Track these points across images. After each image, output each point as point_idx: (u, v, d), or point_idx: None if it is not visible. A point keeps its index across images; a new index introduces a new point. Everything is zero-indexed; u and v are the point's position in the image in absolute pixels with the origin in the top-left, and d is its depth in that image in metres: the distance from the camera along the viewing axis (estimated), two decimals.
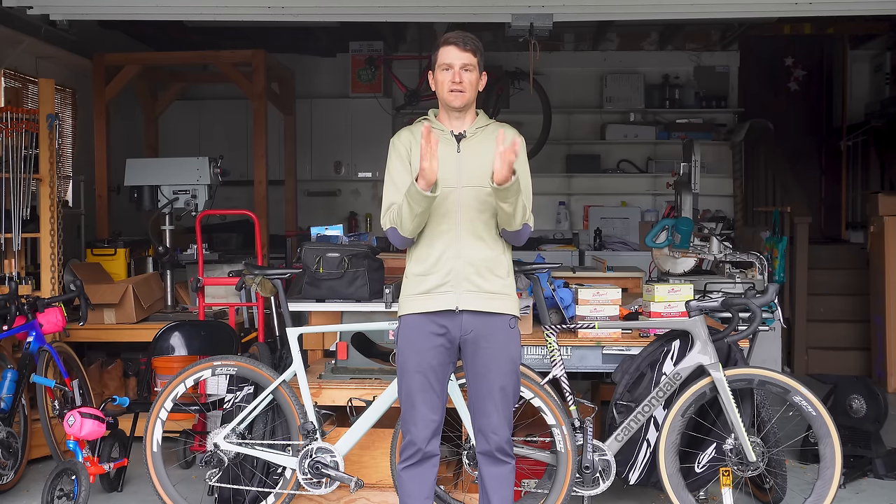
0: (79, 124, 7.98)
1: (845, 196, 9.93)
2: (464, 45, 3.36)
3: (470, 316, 3.37)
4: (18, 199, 5.40)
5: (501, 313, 3.40)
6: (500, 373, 3.38)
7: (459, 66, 3.36)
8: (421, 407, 3.39)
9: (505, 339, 3.40)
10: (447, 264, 3.37)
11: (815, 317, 7.85)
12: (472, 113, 3.48)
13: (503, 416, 3.39)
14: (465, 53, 3.36)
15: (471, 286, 3.36)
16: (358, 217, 9.91)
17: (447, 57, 3.37)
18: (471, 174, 3.37)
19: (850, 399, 5.10)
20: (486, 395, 3.39)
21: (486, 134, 3.45)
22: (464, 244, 3.36)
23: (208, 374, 4.25)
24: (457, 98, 3.37)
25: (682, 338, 4.10)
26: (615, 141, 9.74)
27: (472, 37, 3.42)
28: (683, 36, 9.59)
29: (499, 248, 3.42)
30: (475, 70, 3.39)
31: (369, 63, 9.50)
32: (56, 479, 4.31)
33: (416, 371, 3.39)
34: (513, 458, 3.46)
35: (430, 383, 3.39)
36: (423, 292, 3.40)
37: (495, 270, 3.40)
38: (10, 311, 4.81)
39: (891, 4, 5.87)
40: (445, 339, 3.39)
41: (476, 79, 3.40)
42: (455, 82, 3.36)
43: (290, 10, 5.73)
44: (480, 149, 3.41)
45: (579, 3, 5.69)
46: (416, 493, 3.43)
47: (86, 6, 5.89)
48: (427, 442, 3.40)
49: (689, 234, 5.64)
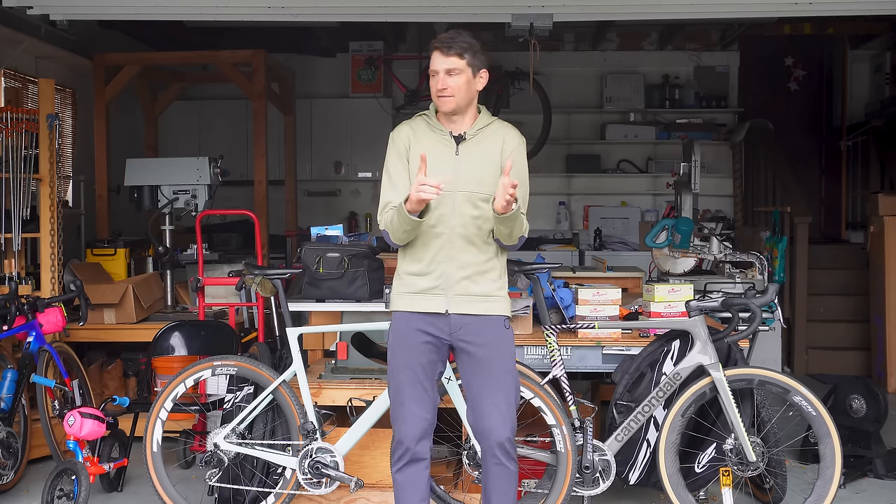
0: (79, 124, 7.98)
1: (845, 196, 9.93)
2: (447, 49, 3.29)
3: (460, 318, 3.35)
4: (18, 199, 5.40)
5: (494, 315, 3.38)
6: (496, 374, 3.36)
7: (444, 71, 3.30)
8: (410, 403, 3.36)
9: (499, 340, 3.38)
10: (439, 267, 3.35)
11: (815, 317, 7.85)
12: (473, 113, 3.42)
13: (501, 416, 3.35)
14: (449, 58, 3.29)
15: (462, 290, 3.34)
16: (358, 217, 9.91)
17: (433, 63, 3.32)
18: (468, 178, 3.33)
19: (850, 399, 5.10)
20: (484, 396, 3.37)
21: (486, 134, 3.40)
22: (456, 248, 3.34)
23: (208, 374, 4.25)
24: (445, 103, 3.33)
25: (682, 338, 4.10)
26: (615, 141, 9.74)
27: (461, 38, 3.32)
28: (683, 36, 9.59)
29: (491, 252, 3.39)
30: (464, 72, 3.30)
31: (369, 63, 9.50)
32: (56, 479, 4.31)
33: (405, 367, 3.38)
34: (515, 461, 3.41)
35: (419, 379, 3.36)
36: (415, 292, 3.39)
37: (488, 274, 3.38)
38: (10, 311, 4.81)
39: (891, 4, 5.88)
40: (435, 339, 3.38)
41: (466, 80, 3.31)
42: (440, 88, 3.30)
43: (290, 10, 5.73)
44: (480, 151, 3.37)
45: (579, 3, 5.69)
46: (409, 496, 3.41)
47: (86, 6, 5.89)
48: (416, 441, 3.36)
49: (689, 234, 5.64)
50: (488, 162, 3.34)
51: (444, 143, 3.38)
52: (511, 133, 3.44)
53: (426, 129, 3.42)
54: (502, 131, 3.43)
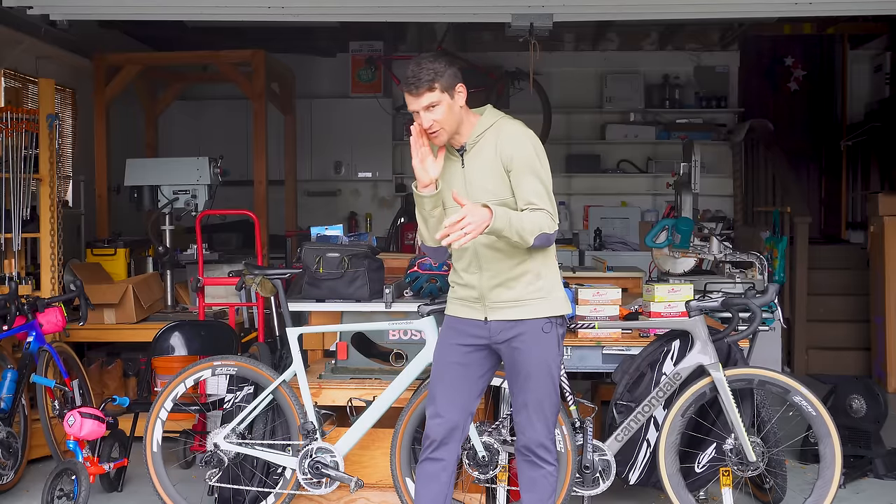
0: (79, 124, 7.97)
1: (845, 196, 9.93)
2: (416, 88, 3.19)
3: (499, 324, 3.36)
4: (18, 199, 5.40)
5: (530, 319, 3.36)
6: (530, 376, 3.36)
7: (422, 109, 3.23)
8: (440, 402, 3.42)
9: (534, 343, 3.35)
10: (472, 278, 3.38)
11: (815, 317, 7.84)
12: (469, 123, 3.34)
13: (532, 416, 3.38)
14: (421, 96, 3.20)
15: (496, 297, 3.35)
16: (358, 217, 9.92)
17: (409, 105, 3.26)
18: (477, 187, 3.30)
19: (850, 399, 5.10)
20: (518, 394, 3.41)
21: (486, 139, 3.33)
22: (483, 258, 3.35)
23: (208, 374, 4.25)
24: (437, 138, 3.28)
25: (682, 338, 4.10)
26: (615, 141, 9.74)
27: (424, 69, 3.19)
28: (683, 36, 9.59)
29: (520, 255, 3.34)
30: (441, 101, 3.20)
31: (369, 63, 9.51)
32: (56, 479, 4.32)
33: (441, 365, 3.45)
34: (547, 463, 3.43)
35: (455, 379, 3.41)
36: (458, 298, 3.46)
37: (521, 278, 3.35)
38: (10, 311, 4.81)
39: (891, 4, 5.88)
40: (476, 345, 3.41)
41: (447, 107, 3.21)
42: (426, 128, 3.25)
43: (290, 10, 5.73)
44: (481, 158, 3.32)
45: (579, 3, 5.68)
46: (423, 494, 3.44)
47: (86, 6, 5.88)
48: (439, 441, 3.40)
49: (689, 234, 5.64)
50: (491, 167, 3.30)
51: (452, 158, 3.38)
52: (507, 129, 3.32)
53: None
54: (500, 131, 3.32)
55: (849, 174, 9.93)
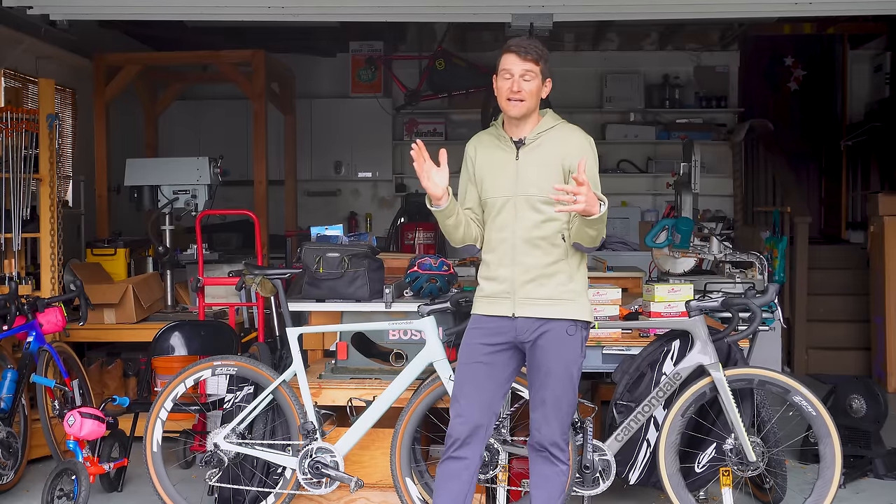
0: (79, 124, 7.97)
1: (845, 196, 9.93)
2: (525, 53, 3.30)
3: (525, 321, 3.38)
4: (18, 199, 5.39)
5: (557, 319, 3.37)
6: (550, 371, 3.38)
7: (519, 74, 3.31)
8: (463, 401, 3.43)
9: (558, 344, 3.37)
10: (504, 272, 3.39)
11: (815, 317, 7.85)
12: (535, 118, 3.41)
13: (549, 413, 3.40)
14: (527, 62, 3.30)
15: (526, 293, 3.37)
16: (358, 217, 9.92)
17: (506, 64, 3.33)
18: (528, 182, 3.34)
19: (850, 399, 5.10)
20: (537, 390, 3.43)
21: (548, 137, 3.39)
22: (519, 252, 3.36)
23: (208, 374, 4.25)
24: (515, 107, 3.33)
25: (682, 338, 4.10)
26: (615, 141, 9.74)
27: (536, 44, 3.34)
28: (683, 36, 9.59)
29: (557, 254, 3.37)
30: (537, 78, 3.31)
31: (369, 63, 9.51)
32: (56, 479, 4.32)
33: (466, 364, 3.46)
34: (559, 462, 3.45)
35: (478, 379, 3.42)
36: (485, 296, 3.46)
37: (554, 277, 3.37)
38: (10, 311, 4.81)
39: (891, 4, 5.88)
40: (502, 343, 3.42)
41: (538, 86, 3.32)
42: (514, 91, 3.31)
43: (290, 10, 5.73)
44: (540, 155, 3.37)
45: (579, 3, 5.68)
46: (443, 492, 3.44)
47: (86, 6, 5.88)
48: (462, 440, 3.40)
49: (689, 234, 5.64)
50: (549, 165, 3.33)
51: (505, 150, 3.41)
52: (574, 135, 3.41)
53: (491, 139, 3.48)
54: (565, 134, 3.41)
55: (849, 174, 9.93)
